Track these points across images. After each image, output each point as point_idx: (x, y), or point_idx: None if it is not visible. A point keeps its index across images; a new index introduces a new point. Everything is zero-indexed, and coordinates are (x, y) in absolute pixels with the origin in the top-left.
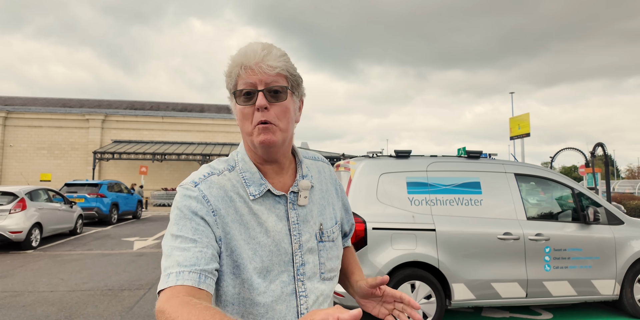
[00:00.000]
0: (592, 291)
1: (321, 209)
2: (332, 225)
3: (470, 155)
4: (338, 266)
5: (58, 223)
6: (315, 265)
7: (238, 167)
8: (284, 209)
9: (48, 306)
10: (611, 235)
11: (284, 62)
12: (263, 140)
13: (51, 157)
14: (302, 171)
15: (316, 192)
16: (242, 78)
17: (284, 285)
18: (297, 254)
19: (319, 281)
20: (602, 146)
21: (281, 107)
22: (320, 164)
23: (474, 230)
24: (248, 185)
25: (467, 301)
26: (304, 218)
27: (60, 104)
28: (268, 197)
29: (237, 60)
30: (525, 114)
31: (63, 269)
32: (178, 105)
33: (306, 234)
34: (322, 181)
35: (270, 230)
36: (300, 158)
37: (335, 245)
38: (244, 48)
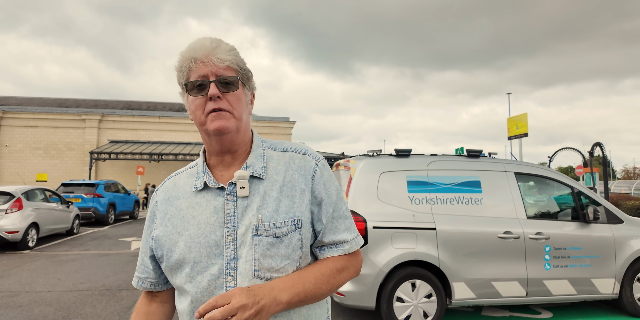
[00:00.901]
0: (592, 290)
1: (269, 201)
2: (282, 219)
3: (470, 154)
4: (287, 267)
5: (55, 223)
6: (248, 260)
7: (198, 164)
8: (222, 201)
9: (45, 306)
10: (611, 234)
11: (234, 55)
12: (217, 126)
13: (47, 157)
14: (247, 162)
15: (268, 183)
16: (193, 71)
17: (212, 278)
18: (230, 247)
19: (253, 279)
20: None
21: (233, 96)
22: (290, 154)
23: (475, 229)
24: (197, 179)
25: (468, 300)
26: (243, 210)
27: (56, 104)
28: (211, 190)
29: (187, 54)
30: (523, 114)
31: (60, 269)
32: (175, 105)
33: (243, 227)
34: (286, 172)
35: (202, 223)
36: (253, 148)
37: (280, 242)
38: (192, 43)
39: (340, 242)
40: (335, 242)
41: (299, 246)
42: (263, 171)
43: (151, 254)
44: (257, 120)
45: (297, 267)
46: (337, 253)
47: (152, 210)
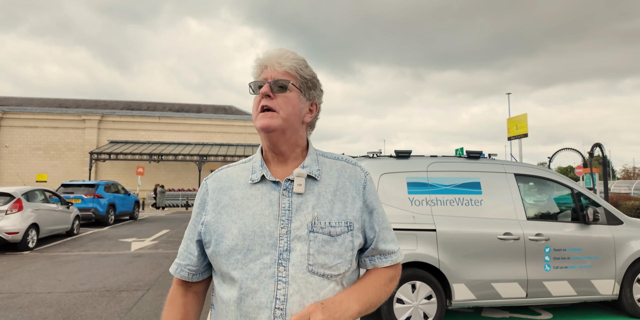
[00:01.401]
0: (592, 291)
1: (323, 202)
2: (336, 220)
3: (470, 155)
4: (339, 266)
5: (55, 224)
6: (303, 254)
7: (253, 159)
8: (278, 195)
9: (45, 308)
10: (610, 235)
11: (294, 63)
12: (262, 124)
13: (47, 157)
14: (304, 162)
15: (323, 186)
16: (259, 75)
17: (264, 266)
18: (283, 239)
19: (306, 273)
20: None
21: (284, 97)
22: (342, 163)
23: (474, 230)
24: (253, 172)
25: (468, 301)
26: (297, 206)
27: (56, 104)
28: (266, 183)
29: (257, 61)
30: (523, 114)
31: (60, 270)
32: (175, 106)
33: (297, 221)
34: (338, 178)
35: (257, 214)
36: (310, 151)
37: (334, 241)
38: (265, 51)
39: (389, 253)
40: (385, 253)
41: (351, 247)
42: (318, 173)
43: (198, 239)
44: None
45: (348, 267)
46: (386, 264)
47: (202, 197)
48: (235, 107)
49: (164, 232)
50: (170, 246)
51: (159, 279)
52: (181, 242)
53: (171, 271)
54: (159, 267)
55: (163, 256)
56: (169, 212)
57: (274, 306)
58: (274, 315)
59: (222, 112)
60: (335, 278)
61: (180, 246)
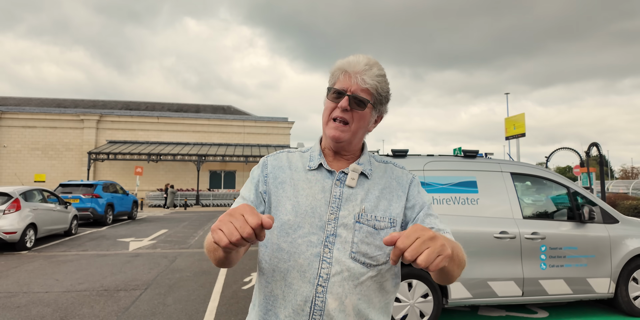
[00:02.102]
0: (588, 289)
1: (371, 198)
2: (381, 215)
3: (466, 154)
4: (378, 257)
5: (53, 224)
6: (348, 241)
7: (311, 149)
8: (331, 184)
9: (43, 307)
10: (606, 234)
11: (377, 82)
12: (333, 135)
13: (45, 157)
14: (360, 159)
15: (372, 183)
16: (339, 80)
17: (310, 244)
18: (331, 224)
19: (348, 258)
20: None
21: (358, 114)
22: (390, 166)
23: (471, 229)
24: (311, 160)
25: (464, 300)
26: (347, 197)
27: (54, 104)
28: (322, 171)
29: (342, 65)
30: (521, 114)
31: (58, 270)
32: (173, 106)
33: (345, 210)
34: (386, 179)
35: (311, 196)
36: (365, 152)
37: (377, 233)
38: (352, 57)
39: (441, 230)
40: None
41: None
42: (370, 172)
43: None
44: (256, 120)
45: (386, 260)
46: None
47: (262, 170)
48: (234, 107)
49: (162, 232)
50: (169, 246)
51: (156, 279)
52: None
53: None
54: (156, 267)
55: (161, 256)
56: (167, 211)
57: (316, 282)
58: (315, 291)
59: (221, 112)
60: (374, 268)
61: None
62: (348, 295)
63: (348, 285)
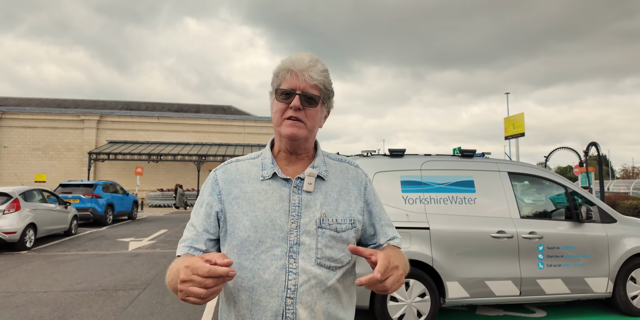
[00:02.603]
0: (585, 289)
1: (330, 200)
2: (342, 218)
3: (464, 154)
4: (342, 259)
5: (52, 224)
6: (312, 248)
7: (261, 156)
8: (288, 192)
9: (41, 306)
10: (604, 234)
11: (324, 77)
12: (290, 132)
13: (46, 157)
14: (314, 163)
15: (329, 185)
16: (286, 80)
17: (274, 258)
18: (293, 233)
19: (314, 265)
20: (595, 146)
21: (311, 111)
22: (345, 165)
23: (468, 228)
24: (263, 169)
25: (461, 299)
26: (306, 203)
27: (55, 105)
28: (277, 180)
29: (286, 65)
30: (520, 114)
31: (57, 270)
32: (174, 106)
33: (306, 217)
34: (342, 179)
35: (269, 208)
36: (319, 153)
37: (340, 236)
38: (294, 56)
39: (392, 238)
40: (388, 240)
41: (353, 242)
42: (326, 174)
43: (216, 225)
44: (256, 120)
45: (349, 259)
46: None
47: (212, 187)
48: (234, 107)
49: (162, 232)
50: (168, 246)
51: (155, 278)
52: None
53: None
54: (155, 267)
55: (160, 256)
56: (167, 211)
57: (285, 295)
58: (285, 304)
59: (221, 112)
60: (339, 269)
61: (185, 235)
62: (317, 302)
63: (316, 292)
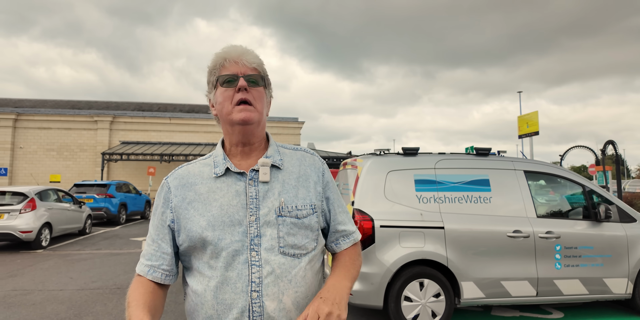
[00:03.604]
0: (604, 290)
1: (288, 188)
2: (302, 204)
3: (479, 152)
4: (307, 245)
5: (67, 223)
6: (274, 237)
7: (213, 155)
8: (244, 185)
9: (57, 304)
10: (623, 233)
11: (259, 61)
12: (243, 117)
13: (60, 158)
14: (267, 152)
15: (286, 173)
16: (225, 68)
17: (236, 253)
18: (253, 225)
19: (278, 255)
20: (612, 144)
21: (258, 91)
22: (301, 153)
23: (483, 228)
24: (216, 166)
25: (477, 300)
26: (264, 194)
27: (69, 106)
28: (230, 175)
29: (221, 55)
30: (534, 112)
31: (72, 268)
32: (185, 106)
33: (265, 208)
34: (300, 166)
35: (225, 205)
36: (271, 142)
37: (302, 222)
38: (226, 47)
39: (350, 233)
40: (346, 233)
41: (317, 228)
42: (281, 162)
43: (171, 237)
44: (266, 120)
45: (314, 245)
46: (350, 243)
47: (165, 196)
48: None
49: None
50: None
51: None
52: (145, 244)
53: (140, 272)
54: None
55: None
56: None
57: (250, 289)
58: (250, 297)
59: None
60: (305, 256)
61: (145, 248)
62: (285, 292)
63: (282, 282)
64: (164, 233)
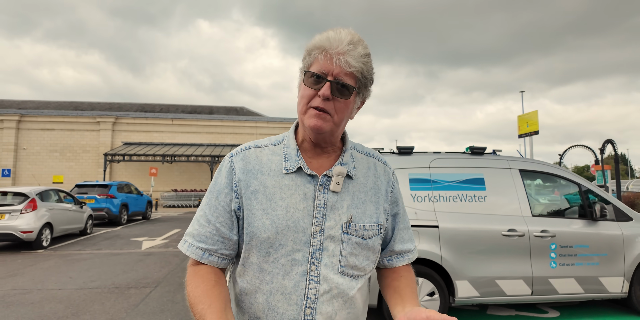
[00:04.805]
0: (600, 289)
1: (357, 202)
2: (369, 223)
3: (474, 151)
4: (366, 267)
5: (68, 223)
6: (335, 255)
7: (283, 143)
8: (313, 190)
9: (56, 303)
10: (619, 232)
11: (363, 64)
12: (314, 125)
13: (63, 159)
14: (342, 158)
15: (357, 184)
16: (318, 61)
17: (295, 263)
18: (316, 237)
19: (337, 273)
20: (612, 143)
21: (342, 103)
22: (373, 161)
23: (478, 226)
24: (286, 160)
25: (471, 298)
26: (332, 204)
27: (72, 107)
28: (301, 175)
29: (321, 43)
30: (534, 111)
31: (72, 268)
32: (187, 108)
33: (331, 220)
34: (370, 177)
35: (291, 207)
36: (347, 147)
37: (366, 243)
38: (332, 33)
39: (407, 252)
40: (403, 252)
41: (378, 249)
42: (354, 171)
43: (236, 223)
44: (268, 121)
45: (372, 267)
46: (404, 262)
47: (228, 176)
48: (247, 108)
49: (175, 231)
50: None
51: (167, 277)
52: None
53: (193, 255)
54: (167, 265)
55: (173, 254)
56: (181, 212)
57: (304, 305)
58: (304, 313)
59: (234, 113)
60: (362, 278)
61: (195, 228)
62: (338, 313)
63: (338, 303)
64: (225, 217)
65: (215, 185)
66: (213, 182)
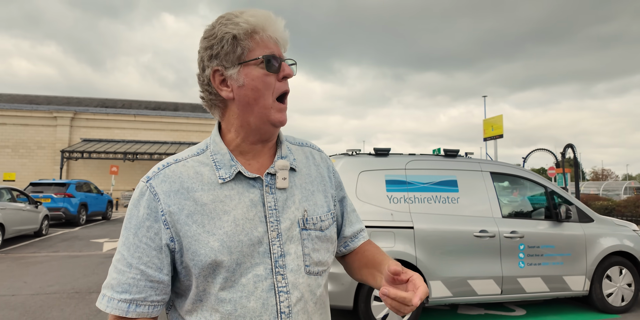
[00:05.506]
0: (564, 287)
1: (307, 194)
2: (323, 213)
3: (447, 153)
4: (328, 260)
5: (22, 224)
6: (299, 256)
7: (209, 150)
8: (260, 193)
9: (9, 310)
10: (582, 233)
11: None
12: (283, 119)
13: (16, 156)
14: (281, 152)
15: (301, 176)
16: (263, 43)
17: (258, 279)
18: (275, 243)
19: (304, 275)
20: (572, 147)
21: None
22: (309, 149)
23: (451, 227)
24: (219, 168)
25: (444, 298)
26: (283, 203)
27: (26, 101)
28: (241, 181)
29: (257, 22)
30: (499, 116)
31: (27, 272)
32: (151, 104)
33: (286, 221)
34: (311, 166)
35: (240, 218)
36: (282, 139)
37: (324, 235)
38: (261, 12)
39: (359, 232)
40: (356, 233)
41: (335, 239)
42: (295, 162)
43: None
44: None
45: (332, 259)
46: (360, 242)
47: (149, 206)
48: None
49: None
50: None
51: None
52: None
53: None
54: None
55: None
56: None
57: None
58: None
59: (200, 111)
60: (324, 273)
61: (114, 277)
62: (312, 317)
63: (310, 307)
64: (150, 255)
65: (131, 220)
66: (128, 216)
